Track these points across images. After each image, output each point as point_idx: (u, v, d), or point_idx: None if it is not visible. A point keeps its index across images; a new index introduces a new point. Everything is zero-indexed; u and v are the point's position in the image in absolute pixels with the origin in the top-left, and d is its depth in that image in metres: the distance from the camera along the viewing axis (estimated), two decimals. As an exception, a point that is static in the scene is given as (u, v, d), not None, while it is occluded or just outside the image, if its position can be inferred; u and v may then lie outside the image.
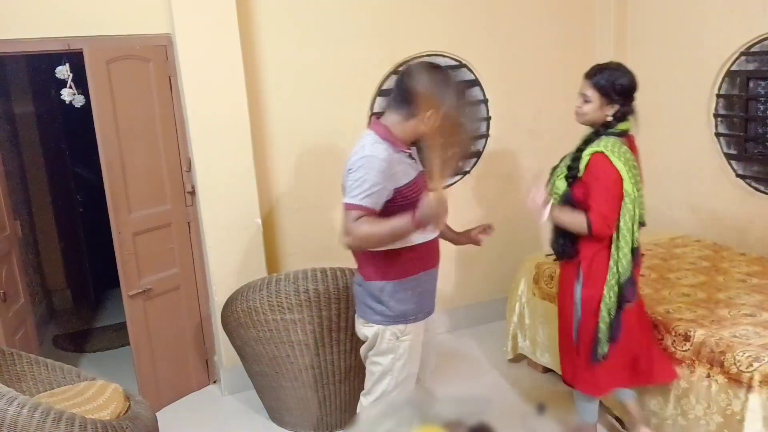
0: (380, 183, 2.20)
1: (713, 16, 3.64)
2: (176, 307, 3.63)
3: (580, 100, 2.58)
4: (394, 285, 2.35)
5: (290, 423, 3.31)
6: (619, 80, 2.52)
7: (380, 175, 2.20)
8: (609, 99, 2.52)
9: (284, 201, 3.77)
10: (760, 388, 2.35)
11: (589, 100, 2.54)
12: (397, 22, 3.81)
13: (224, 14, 3.30)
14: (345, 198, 2.24)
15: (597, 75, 2.54)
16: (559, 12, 4.18)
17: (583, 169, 2.52)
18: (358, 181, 2.20)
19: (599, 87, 2.52)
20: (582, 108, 2.57)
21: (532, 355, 3.65)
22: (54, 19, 3.11)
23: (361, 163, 2.22)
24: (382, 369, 2.43)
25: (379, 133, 2.28)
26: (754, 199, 3.55)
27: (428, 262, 2.42)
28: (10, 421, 2.07)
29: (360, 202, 2.19)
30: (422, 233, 2.30)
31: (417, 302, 2.41)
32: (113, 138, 3.24)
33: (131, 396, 2.68)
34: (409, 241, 2.31)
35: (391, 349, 2.40)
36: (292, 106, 3.68)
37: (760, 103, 3.50)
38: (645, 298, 2.99)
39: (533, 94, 4.19)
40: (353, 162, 2.24)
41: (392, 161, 2.24)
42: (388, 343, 2.39)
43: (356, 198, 2.19)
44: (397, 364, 2.41)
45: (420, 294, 2.41)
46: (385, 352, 2.41)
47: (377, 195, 2.21)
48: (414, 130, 2.29)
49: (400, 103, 2.29)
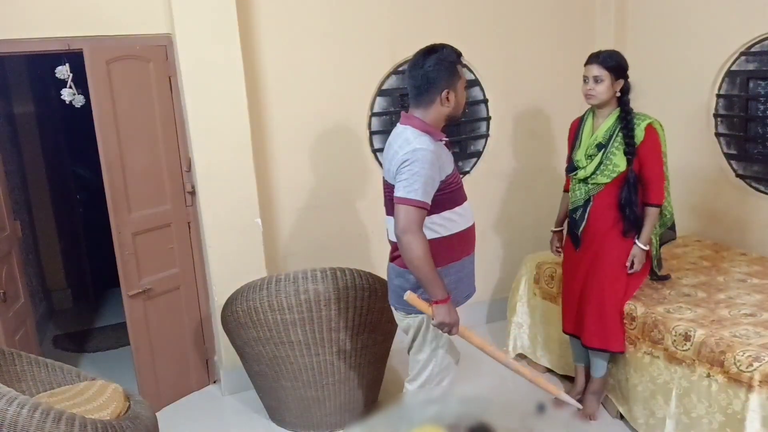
0: (432, 176, 2.29)
1: (713, 16, 3.64)
2: (176, 307, 3.62)
3: (590, 83, 2.86)
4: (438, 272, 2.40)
5: (290, 423, 3.30)
6: (619, 57, 2.89)
7: (432, 168, 2.28)
8: (617, 75, 2.85)
9: (284, 201, 3.77)
10: (760, 387, 2.35)
11: (601, 80, 2.84)
12: (397, 22, 3.81)
13: (224, 14, 3.30)
14: (399, 191, 2.29)
15: (602, 56, 2.86)
16: (559, 12, 4.17)
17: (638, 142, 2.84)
18: (414, 175, 2.26)
19: (608, 66, 2.84)
20: (595, 89, 2.85)
21: (532, 355, 3.65)
22: (54, 19, 3.11)
23: (413, 156, 2.27)
24: (426, 357, 2.52)
25: (417, 126, 2.35)
26: (754, 199, 3.55)
27: (469, 246, 2.51)
28: (10, 421, 2.07)
29: (415, 197, 2.25)
30: (464, 219, 2.45)
31: (458, 287, 2.48)
32: (113, 138, 3.24)
33: (131, 396, 2.68)
34: (452, 228, 2.40)
35: (434, 338, 2.49)
36: (292, 106, 3.68)
37: (760, 103, 3.50)
38: (645, 298, 3.00)
39: (533, 94, 4.19)
40: (403, 157, 2.30)
41: (437, 153, 2.32)
42: (433, 331, 2.47)
43: (411, 192, 2.26)
44: (439, 352, 2.51)
45: (460, 279, 2.50)
46: (430, 341, 2.49)
47: (431, 189, 2.29)
48: (440, 114, 2.39)
49: (417, 96, 2.38)
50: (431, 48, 2.38)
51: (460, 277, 2.49)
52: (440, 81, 2.33)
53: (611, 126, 2.89)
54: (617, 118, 2.88)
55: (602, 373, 3.11)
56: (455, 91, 2.37)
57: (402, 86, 3.90)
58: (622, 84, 2.86)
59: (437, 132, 2.38)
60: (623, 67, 2.86)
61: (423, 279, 2.30)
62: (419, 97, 2.38)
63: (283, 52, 3.61)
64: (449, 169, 2.38)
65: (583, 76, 2.91)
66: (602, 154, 2.89)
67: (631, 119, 2.86)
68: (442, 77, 2.33)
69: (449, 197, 2.37)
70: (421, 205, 2.26)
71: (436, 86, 2.33)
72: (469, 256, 2.53)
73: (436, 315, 2.31)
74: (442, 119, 2.41)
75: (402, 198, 2.27)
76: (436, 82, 2.33)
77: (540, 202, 4.26)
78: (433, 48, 2.38)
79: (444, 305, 2.30)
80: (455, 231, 2.42)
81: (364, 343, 3.12)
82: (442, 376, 2.54)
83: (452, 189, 2.39)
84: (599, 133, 2.92)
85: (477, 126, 4.16)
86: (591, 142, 2.94)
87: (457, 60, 2.39)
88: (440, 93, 2.34)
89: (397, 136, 2.40)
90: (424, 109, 2.38)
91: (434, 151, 2.30)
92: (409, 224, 2.25)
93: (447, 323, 2.32)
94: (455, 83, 2.37)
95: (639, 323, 2.90)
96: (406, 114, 2.43)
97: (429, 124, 2.37)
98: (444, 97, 2.35)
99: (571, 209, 3.08)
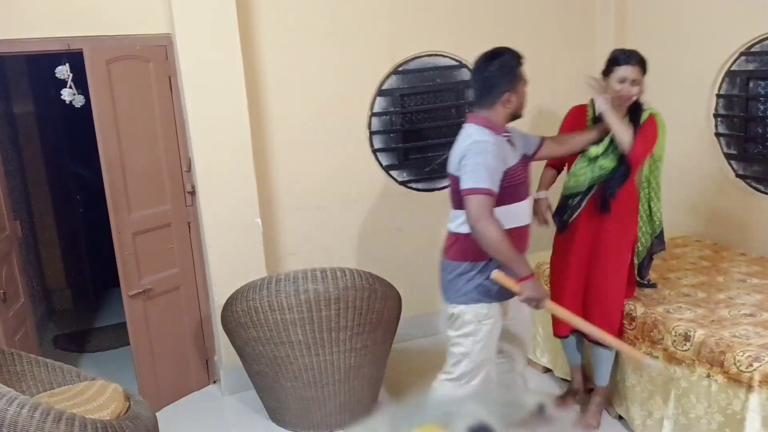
0: (496, 166, 2.41)
1: (713, 16, 3.64)
2: (176, 307, 3.63)
3: (628, 85, 2.79)
4: (482, 266, 2.49)
5: (290, 423, 3.31)
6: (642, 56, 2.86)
7: (493, 157, 2.41)
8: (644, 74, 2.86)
9: (284, 201, 3.77)
10: (759, 388, 2.35)
11: (639, 82, 2.82)
12: (397, 22, 3.81)
13: (224, 14, 3.30)
14: (465, 184, 2.40)
15: (636, 57, 2.83)
16: (559, 12, 4.18)
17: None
18: (475, 166, 2.39)
19: (643, 68, 2.83)
20: (632, 90, 2.81)
21: (532, 355, 3.65)
22: (54, 19, 3.11)
23: (473, 148, 2.42)
24: (463, 351, 2.57)
25: (479, 122, 2.50)
26: (754, 199, 3.55)
27: (519, 246, 2.52)
28: (10, 421, 2.07)
29: (482, 185, 2.37)
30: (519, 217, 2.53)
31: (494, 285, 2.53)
32: (113, 138, 3.24)
33: (131, 396, 2.68)
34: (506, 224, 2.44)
35: (472, 332, 2.55)
36: (292, 105, 3.68)
37: (760, 103, 3.50)
38: (645, 298, 3.00)
39: (533, 94, 4.15)
40: (465, 149, 2.44)
41: (499, 146, 2.45)
42: (470, 325, 2.54)
43: (478, 182, 2.37)
44: (476, 348, 2.56)
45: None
46: (468, 334, 2.56)
47: (495, 176, 2.40)
48: (503, 113, 2.52)
49: (480, 98, 2.54)
50: (494, 53, 2.51)
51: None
52: (502, 85, 2.46)
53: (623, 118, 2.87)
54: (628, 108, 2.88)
55: (607, 382, 3.07)
56: (516, 93, 2.50)
57: (402, 86, 3.91)
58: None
59: (499, 127, 2.50)
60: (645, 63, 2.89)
61: (505, 260, 2.39)
62: (482, 99, 2.52)
63: (283, 52, 3.61)
64: (511, 162, 2.49)
65: (620, 77, 2.79)
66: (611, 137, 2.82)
67: (638, 109, 2.88)
68: (503, 81, 2.47)
69: (510, 191, 2.47)
70: (488, 193, 2.38)
71: (498, 89, 2.47)
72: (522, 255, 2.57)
73: (523, 291, 2.41)
74: (505, 118, 2.53)
75: (470, 189, 2.39)
76: (498, 86, 2.47)
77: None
78: (495, 53, 2.50)
79: (530, 281, 2.40)
80: (508, 227, 2.46)
81: (364, 343, 3.13)
82: (474, 373, 2.59)
83: (514, 183, 2.49)
84: None
85: (477, 126, 4.16)
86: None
87: (518, 64, 2.51)
88: (501, 96, 2.47)
89: (461, 133, 2.53)
90: (486, 109, 2.51)
91: (495, 143, 2.43)
92: (480, 212, 2.36)
93: (534, 298, 2.41)
94: (516, 86, 2.49)
95: (638, 323, 2.90)
96: (471, 113, 2.58)
97: (491, 120, 2.49)
98: (505, 99, 2.48)
99: (568, 194, 2.95)
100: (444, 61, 3.98)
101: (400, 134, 3.98)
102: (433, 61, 3.96)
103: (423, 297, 4.00)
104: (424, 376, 3.76)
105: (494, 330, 2.59)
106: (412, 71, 3.92)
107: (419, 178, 4.06)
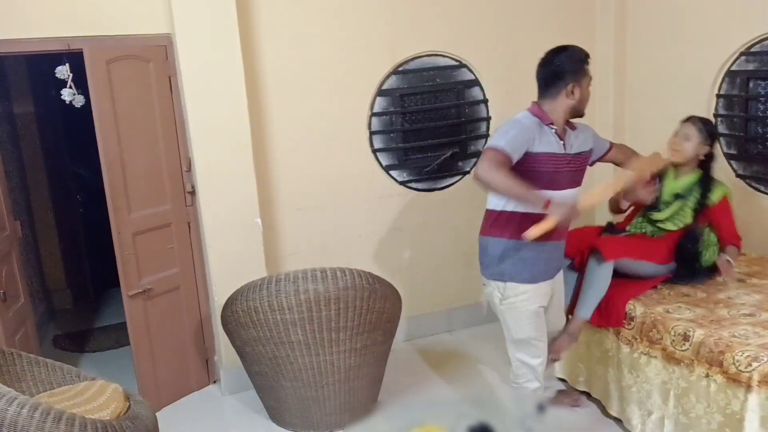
0: (520, 137, 2.54)
1: (713, 16, 3.64)
2: (176, 307, 3.63)
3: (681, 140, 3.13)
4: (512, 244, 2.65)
5: (290, 423, 3.31)
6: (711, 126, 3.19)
7: (522, 132, 2.56)
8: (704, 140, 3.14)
9: (284, 201, 3.77)
10: (759, 387, 2.35)
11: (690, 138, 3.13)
12: (397, 22, 3.81)
13: (224, 14, 3.30)
14: (488, 143, 2.60)
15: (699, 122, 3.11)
16: (559, 12, 4.18)
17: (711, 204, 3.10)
18: (501, 131, 2.58)
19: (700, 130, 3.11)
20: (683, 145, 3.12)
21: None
22: (54, 19, 3.11)
23: (506, 123, 2.63)
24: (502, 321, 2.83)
25: (532, 111, 2.67)
26: (754, 199, 3.55)
27: (558, 233, 2.63)
28: (10, 421, 2.07)
29: (499, 145, 2.51)
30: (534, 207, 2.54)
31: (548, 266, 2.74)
32: (113, 138, 3.24)
33: (131, 396, 2.68)
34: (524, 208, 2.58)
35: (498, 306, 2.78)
36: (292, 105, 3.68)
37: (760, 103, 3.50)
38: (644, 298, 3.00)
39: (533, 94, 4.17)
40: (501, 124, 2.66)
41: (534, 128, 2.59)
42: (497, 299, 2.76)
43: (497, 141, 2.53)
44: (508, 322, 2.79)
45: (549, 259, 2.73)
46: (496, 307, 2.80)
47: (517, 144, 2.52)
48: (565, 106, 2.64)
49: (545, 89, 2.66)
50: (563, 46, 2.65)
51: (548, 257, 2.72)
52: (567, 76, 2.59)
53: (692, 182, 3.11)
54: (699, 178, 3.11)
55: (587, 315, 3.03)
56: (580, 86, 2.62)
57: (402, 86, 3.91)
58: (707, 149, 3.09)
59: (547, 117, 2.63)
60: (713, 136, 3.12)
61: (518, 197, 2.49)
62: (547, 89, 2.65)
63: (283, 52, 3.61)
64: (540, 149, 2.58)
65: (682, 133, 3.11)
66: (679, 205, 3.10)
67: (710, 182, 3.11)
68: (569, 72, 2.59)
69: (531, 173, 2.56)
70: (503, 151, 2.49)
71: (563, 80, 2.60)
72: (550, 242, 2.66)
73: (553, 216, 2.42)
74: (566, 111, 2.65)
75: (488, 147, 2.56)
76: (564, 77, 2.60)
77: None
78: (565, 46, 2.64)
79: (552, 205, 2.43)
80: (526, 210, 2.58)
81: (364, 343, 3.13)
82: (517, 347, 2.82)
83: (537, 168, 2.58)
84: (679, 185, 3.13)
85: (477, 126, 4.16)
86: (670, 190, 3.15)
87: (585, 59, 2.63)
88: (566, 86, 2.60)
89: None
90: (550, 99, 2.64)
91: (529, 126, 2.58)
92: (489, 163, 2.46)
93: (566, 215, 2.42)
94: (581, 79, 2.62)
95: (637, 323, 2.90)
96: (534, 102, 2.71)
97: (545, 111, 2.64)
98: (569, 90, 2.60)
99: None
100: (444, 61, 3.98)
101: (400, 134, 3.98)
102: (433, 61, 3.96)
103: (423, 297, 4.00)
104: (424, 376, 3.77)
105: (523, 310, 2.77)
106: (412, 71, 3.92)
107: (419, 178, 4.06)
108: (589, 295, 3.02)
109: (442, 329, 4.20)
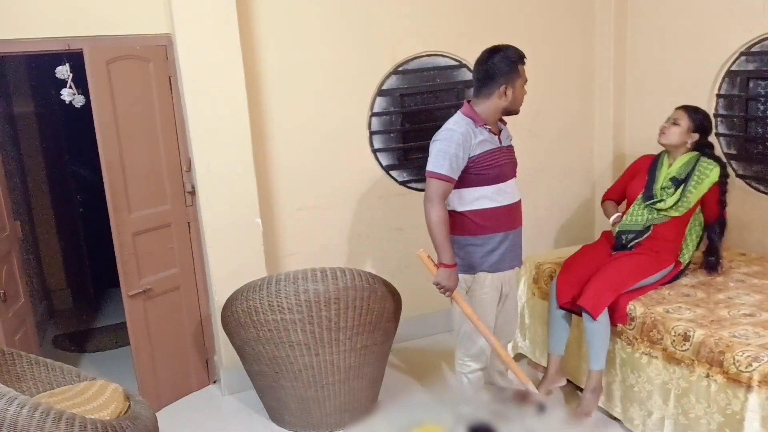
0: (457, 154, 2.62)
1: (713, 16, 3.64)
2: (176, 307, 3.63)
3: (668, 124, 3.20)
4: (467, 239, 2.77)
5: (290, 423, 3.31)
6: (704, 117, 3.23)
7: (458, 147, 2.62)
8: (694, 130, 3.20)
9: (284, 201, 3.77)
10: (759, 388, 2.35)
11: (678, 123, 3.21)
12: (397, 22, 3.81)
13: (224, 14, 3.30)
14: (429, 165, 2.66)
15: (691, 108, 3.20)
16: (559, 12, 4.18)
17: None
18: (440, 153, 2.63)
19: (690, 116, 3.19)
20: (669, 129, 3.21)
21: (531, 354, 3.65)
22: (54, 19, 3.11)
23: (442, 135, 2.67)
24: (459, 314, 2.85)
25: (464, 112, 2.71)
26: (754, 199, 3.55)
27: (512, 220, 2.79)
28: (10, 421, 2.08)
29: (441, 170, 2.62)
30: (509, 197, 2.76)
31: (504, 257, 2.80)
32: (113, 138, 3.24)
33: (131, 396, 2.68)
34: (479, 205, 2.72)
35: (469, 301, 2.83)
36: (292, 105, 3.68)
37: (760, 103, 3.50)
38: (645, 298, 3.00)
39: (533, 94, 4.15)
40: (437, 134, 2.70)
41: (469, 134, 2.64)
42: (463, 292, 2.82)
43: (438, 167, 2.62)
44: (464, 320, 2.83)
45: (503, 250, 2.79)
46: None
47: (458, 162, 2.63)
48: (496, 106, 2.70)
49: (479, 88, 2.71)
50: (497, 47, 2.68)
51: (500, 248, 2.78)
52: (500, 77, 2.64)
53: (687, 163, 3.12)
54: (695, 159, 3.12)
55: (601, 366, 3.03)
56: (513, 87, 2.66)
57: (402, 86, 3.91)
58: (696, 138, 3.14)
59: (480, 119, 2.68)
60: (704, 127, 3.16)
61: (435, 242, 2.67)
62: (480, 90, 2.70)
63: (283, 52, 3.61)
64: (479, 150, 2.66)
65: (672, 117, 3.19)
66: (680, 190, 3.09)
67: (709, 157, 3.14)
68: (502, 74, 2.64)
69: (479, 177, 2.67)
70: (445, 179, 2.62)
71: (496, 81, 2.64)
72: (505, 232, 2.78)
73: (438, 275, 2.68)
74: (499, 111, 2.72)
75: (430, 171, 2.65)
76: (496, 78, 2.64)
77: (539, 202, 4.26)
78: (498, 47, 2.68)
79: (446, 270, 2.65)
80: (502, 204, 2.73)
81: (364, 343, 3.13)
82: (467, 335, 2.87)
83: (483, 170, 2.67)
84: (674, 169, 3.14)
85: (477, 126, 4.16)
86: (665, 176, 3.16)
87: (519, 60, 2.67)
88: (499, 87, 2.65)
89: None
90: (483, 99, 2.69)
91: (464, 133, 2.63)
92: (432, 195, 2.64)
93: (444, 286, 2.68)
94: (514, 81, 2.66)
95: (638, 323, 2.90)
96: (467, 103, 2.76)
97: (478, 113, 2.69)
98: (502, 91, 2.65)
99: (623, 230, 3.21)
100: (444, 61, 3.98)
101: (400, 134, 3.98)
102: (433, 61, 3.96)
103: (423, 297, 3.99)
104: (424, 376, 3.77)
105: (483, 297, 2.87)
106: (412, 71, 3.92)
107: (419, 178, 4.06)
108: (596, 347, 3.02)
109: (442, 329, 4.20)
